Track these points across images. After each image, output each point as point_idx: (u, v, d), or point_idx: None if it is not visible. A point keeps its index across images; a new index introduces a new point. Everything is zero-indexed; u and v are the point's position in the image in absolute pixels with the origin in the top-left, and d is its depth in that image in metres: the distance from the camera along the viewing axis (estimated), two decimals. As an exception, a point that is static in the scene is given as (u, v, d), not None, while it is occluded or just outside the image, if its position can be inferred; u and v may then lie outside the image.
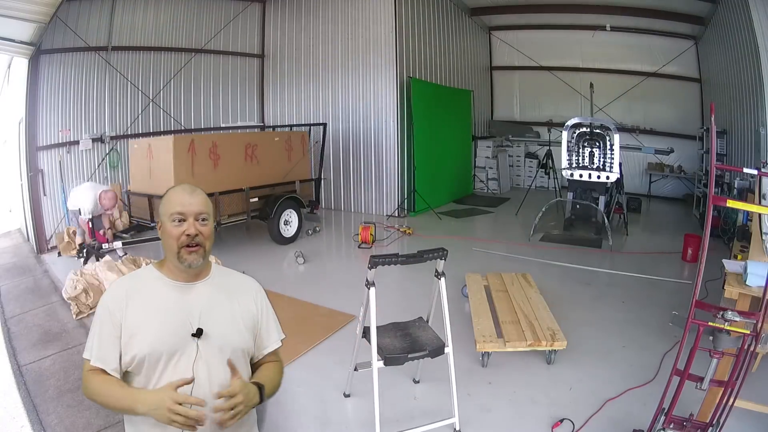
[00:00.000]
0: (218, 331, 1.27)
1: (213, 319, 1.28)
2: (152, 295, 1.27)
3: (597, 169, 6.14)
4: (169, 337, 1.22)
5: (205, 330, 1.25)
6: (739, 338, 1.77)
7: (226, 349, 1.27)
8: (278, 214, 5.88)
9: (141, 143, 5.68)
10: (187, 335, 1.23)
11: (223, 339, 1.28)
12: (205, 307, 1.29)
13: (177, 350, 1.22)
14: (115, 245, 4.97)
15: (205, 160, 5.27)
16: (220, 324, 1.29)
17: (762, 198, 2.93)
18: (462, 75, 9.96)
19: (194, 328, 1.24)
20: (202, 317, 1.26)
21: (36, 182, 6.02)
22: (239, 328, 1.33)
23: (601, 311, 3.93)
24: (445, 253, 2.27)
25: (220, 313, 1.30)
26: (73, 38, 6.22)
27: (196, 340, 1.24)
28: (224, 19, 8.22)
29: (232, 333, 1.31)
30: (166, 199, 1.29)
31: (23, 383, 2.98)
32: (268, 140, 6.28)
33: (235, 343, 1.31)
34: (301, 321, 3.70)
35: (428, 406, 2.63)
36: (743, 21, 5.60)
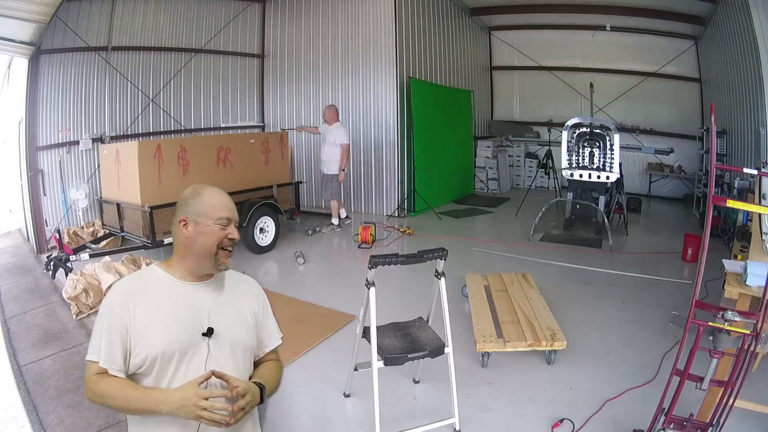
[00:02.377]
0: (227, 329, 1.30)
1: (222, 318, 1.30)
2: (161, 296, 1.28)
3: (597, 169, 6.13)
4: (180, 337, 1.23)
5: (215, 329, 1.27)
6: (739, 338, 1.78)
7: (236, 347, 1.31)
8: (252, 222, 5.49)
9: (110, 149, 5.39)
10: (198, 334, 1.25)
11: (233, 337, 1.31)
12: (213, 307, 1.30)
13: (189, 350, 1.24)
14: (81, 257, 4.69)
15: (173, 166, 4.96)
16: (228, 323, 1.31)
17: (762, 198, 2.93)
18: (462, 75, 9.95)
19: (204, 327, 1.26)
20: (211, 316, 1.28)
21: (36, 182, 6.02)
22: (246, 326, 1.37)
23: (601, 311, 3.93)
24: (445, 253, 2.27)
25: (228, 312, 1.33)
26: (73, 38, 6.22)
27: (207, 339, 1.26)
28: (224, 19, 8.21)
29: (240, 331, 1.34)
30: (209, 201, 1.33)
31: (23, 383, 2.98)
32: (243, 143, 5.88)
33: (243, 341, 1.34)
34: (301, 321, 3.70)
35: (428, 406, 2.63)
36: (743, 21, 5.60)
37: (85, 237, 5.80)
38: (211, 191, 1.36)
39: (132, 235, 4.97)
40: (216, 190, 1.37)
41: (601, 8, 8.58)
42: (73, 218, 6.36)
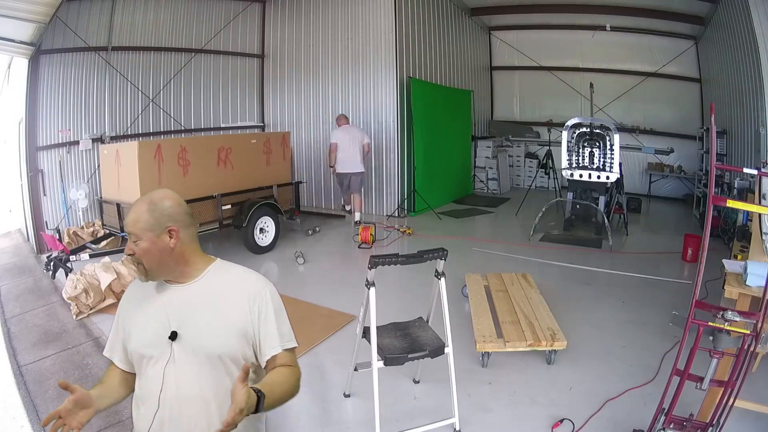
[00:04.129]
0: (194, 334, 1.24)
1: (191, 322, 1.26)
2: (145, 296, 1.32)
3: (597, 169, 6.14)
4: (148, 338, 1.26)
5: (181, 333, 1.24)
6: (739, 338, 1.78)
7: (199, 353, 1.24)
8: (252, 222, 5.50)
9: (110, 149, 5.41)
10: (165, 337, 1.24)
11: (198, 343, 1.24)
12: (187, 310, 1.27)
13: (155, 352, 1.25)
14: (81, 257, 4.71)
15: (173, 166, 4.98)
16: (198, 327, 1.25)
17: (762, 198, 2.92)
18: (462, 75, 9.96)
19: (170, 330, 1.25)
20: (181, 320, 1.26)
21: (36, 182, 6.03)
22: (220, 332, 1.26)
23: (601, 311, 3.93)
24: (445, 253, 2.27)
25: (202, 316, 1.26)
26: (73, 38, 6.22)
27: (171, 342, 1.24)
28: (224, 19, 8.22)
29: (210, 337, 1.25)
30: None
31: (23, 383, 2.98)
32: (244, 143, 5.89)
33: (210, 348, 1.24)
34: (301, 321, 3.69)
35: (428, 406, 2.63)
36: (743, 21, 5.60)
37: (85, 237, 5.81)
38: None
39: None
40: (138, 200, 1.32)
41: (601, 8, 8.58)
42: (73, 218, 6.37)
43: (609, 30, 9.31)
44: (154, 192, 1.31)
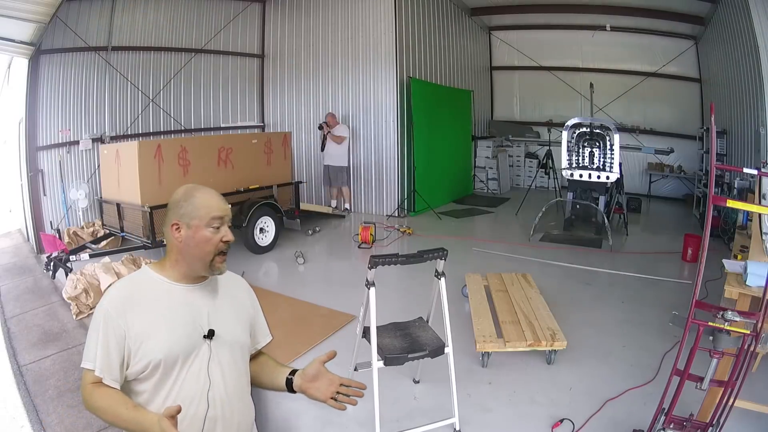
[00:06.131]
0: (227, 330, 1.29)
1: (220, 319, 1.29)
2: (158, 300, 1.24)
3: (597, 169, 6.13)
4: (182, 341, 1.21)
5: (216, 330, 1.26)
6: (739, 338, 1.78)
7: (234, 347, 1.31)
8: (252, 222, 5.50)
9: (110, 148, 5.42)
10: (199, 337, 1.23)
11: (233, 337, 1.31)
12: (211, 308, 1.29)
13: (191, 353, 1.22)
14: (82, 257, 4.69)
15: (173, 166, 4.97)
16: (227, 323, 1.30)
17: (762, 198, 2.92)
18: (462, 75, 9.95)
19: (205, 329, 1.24)
20: (210, 318, 1.27)
21: (36, 182, 6.02)
22: (243, 325, 1.37)
23: (601, 311, 3.93)
24: (445, 253, 2.27)
25: (226, 312, 1.32)
26: (73, 38, 6.22)
27: (208, 341, 1.24)
28: (224, 19, 8.21)
29: (239, 330, 1.34)
30: (200, 203, 1.25)
31: (23, 383, 2.99)
32: (245, 143, 5.90)
33: (241, 340, 1.34)
34: (301, 321, 3.69)
35: (428, 406, 2.63)
36: (743, 21, 5.60)
37: (85, 237, 5.80)
38: (201, 191, 1.29)
39: (132, 235, 4.97)
40: (207, 189, 1.31)
41: (601, 8, 8.58)
42: (73, 218, 6.36)
43: (609, 30, 9.31)
44: (203, 186, 1.34)
